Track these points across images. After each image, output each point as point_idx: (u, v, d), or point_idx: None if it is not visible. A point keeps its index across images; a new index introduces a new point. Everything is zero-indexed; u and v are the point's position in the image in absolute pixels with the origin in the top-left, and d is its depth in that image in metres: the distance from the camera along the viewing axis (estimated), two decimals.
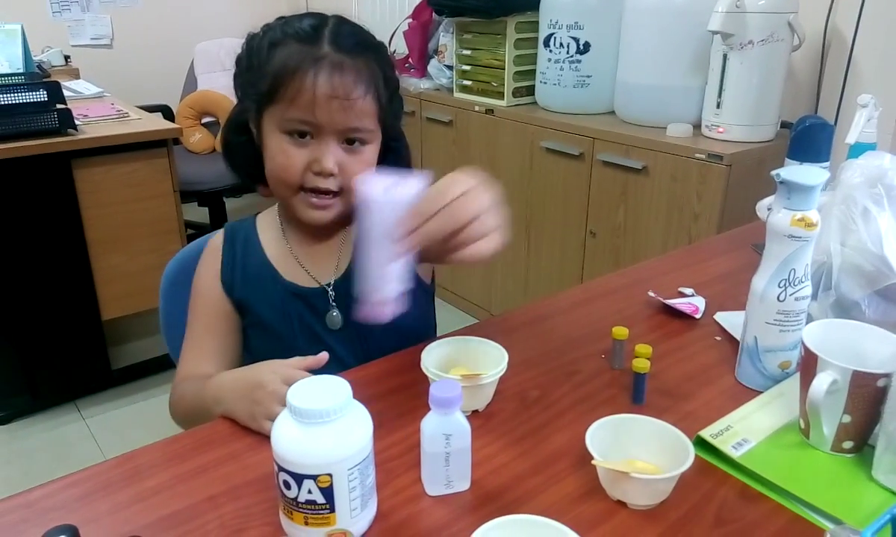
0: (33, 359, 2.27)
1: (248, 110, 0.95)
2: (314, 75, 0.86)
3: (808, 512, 0.67)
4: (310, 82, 0.86)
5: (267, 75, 0.89)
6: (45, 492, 0.70)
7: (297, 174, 0.90)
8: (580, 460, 0.73)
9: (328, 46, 0.88)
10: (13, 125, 2.04)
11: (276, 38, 0.90)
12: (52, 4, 3.62)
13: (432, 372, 0.80)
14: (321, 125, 0.88)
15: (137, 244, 2.31)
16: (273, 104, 0.89)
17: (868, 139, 1.27)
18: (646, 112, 2.18)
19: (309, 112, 0.87)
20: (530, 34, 2.50)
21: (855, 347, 0.76)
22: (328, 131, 0.89)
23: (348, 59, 0.88)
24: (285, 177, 0.91)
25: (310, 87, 0.86)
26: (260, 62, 0.90)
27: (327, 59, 0.87)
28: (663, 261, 1.29)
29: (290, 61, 0.87)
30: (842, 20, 1.98)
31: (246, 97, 0.95)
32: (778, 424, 0.78)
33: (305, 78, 0.86)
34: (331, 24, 0.91)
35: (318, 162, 0.89)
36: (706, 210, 1.93)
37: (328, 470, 0.59)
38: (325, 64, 0.87)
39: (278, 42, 0.90)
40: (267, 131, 0.92)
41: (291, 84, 0.87)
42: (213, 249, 1.02)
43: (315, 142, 0.90)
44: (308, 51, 0.88)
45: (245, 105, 0.95)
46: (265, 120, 0.92)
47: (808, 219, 0.78)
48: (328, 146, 0.89)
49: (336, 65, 0.87)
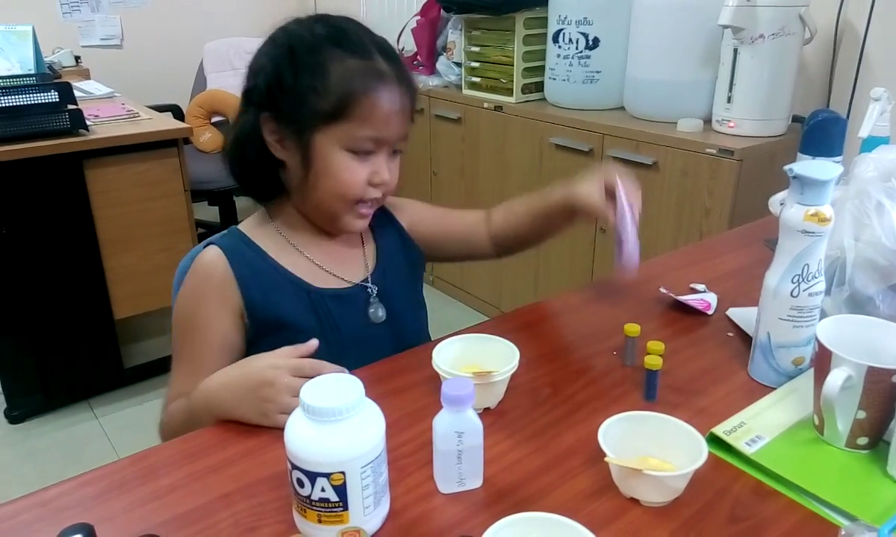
0: (46, 359, 2.28)
1: (279, 127, 0.91)
2: (386, 93, 0.88)
3: (822, 509, 0.67)
4: (384, 101, 0.88)
5: (330, 94, 0.87)
6: (60, 491, 0.71)
7: (361, 189, 0.92)
8: (593, 457, 0.73)
9: (380, 58, 0.89)
10: (25, 126, 2.05)
11: (323, 53, 0.88)
12: (62, 5, 3.64)
13: (444, 370, 0.80)
14: (387, 140, 0.91)
15: (149, 243, 2.32)
16: (337, 123, 0.88)
17: (881, 133, 1.26)
18: (656, 107, 2.17)
19: (380, 129, 0.89)
20: (539, 30, 2.50)
21: (869, 343, 0.75)
22: (387, 144, 0.91)
23: (399, 69, 0.90)
24: (348, 192, 0.91)
25: (383, 106, 0.88)
26: (314, 81, 0.87)
27: (388, 73, 0.88)
28: (675, 257, 1.29)
29: (358, 80, 0.87)
30: (853, 13, 1.97)
31: (285, 117, 0.90)
32: (792, 420, 0.78)
33: (379, 97, 0.87)
34: (365, 33, 0.91)
35: (377, 174, 0.92)
36: (717, 205, 1.92)
37: (341, 469, 0.60)
38: (390, 79, 0.88)
39: (327, 58, 0.87)
40: (323, 148, 0.89)
41: (365, 103, 0.87)
42: (210, 275, 0.93)
43: (373, 155, 0.91)
44: (369, 66, 0.88)
45: (279, 124, 0.91)
46: (319, 137, 0.89)
47: (822, 214, 0.78)
48: (385, 158, 0.92)
49: (398, 78, 0.89)
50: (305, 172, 0.91)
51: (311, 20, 0.92)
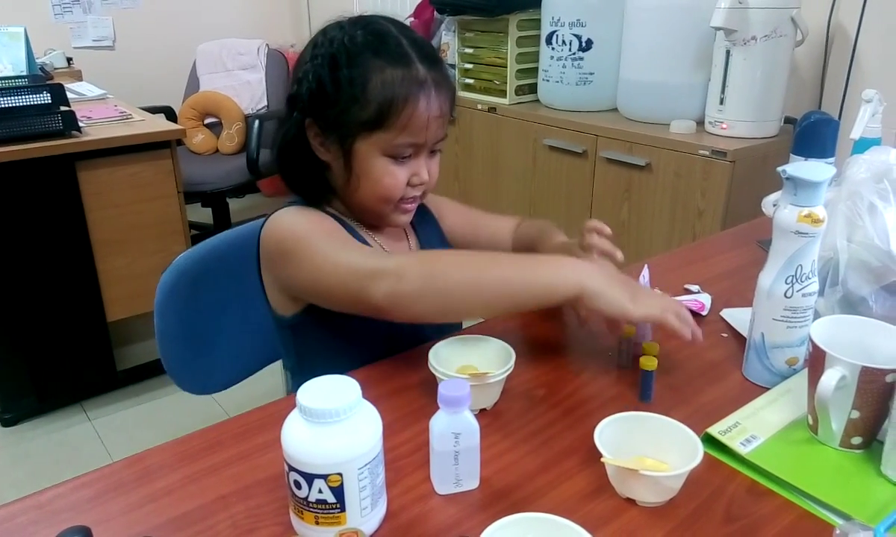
0: (39, 361, 2.27)
1: (322, 132, 0.93)
2: (425, 101, 0.89)
3: (817, 508, 0.67)
4: (422, 109, 0.89)
5: (370, 104, 0.88)
6: (56, 493, 0.70)
7: (401, 190, 0.94)
8: (589, 458, 0.73)
9: (420, 65, 0.90)
10: (17, 128, 2.04)
11: (363, 64, 0.89)
12: (53, 7, 3.62)
13: (440, 371, 0.80)
14: (426, 144, 0.93)
15: (142, 245, 2.31)
16: (378, 131, 0.90)
17: (873, 134, 1.27)
18: (649, 109, 2.17)
19: (419, 136, 0.91)
20: (532, 32, 2.50)
21: (863, 343, 0.76)
22: (426, 147, 0.94)
23: (438, 74, 0.92)
24: (390, 195, 0.94)
25: (422, 114, 0.89)
26: (354, 92, 0.89)
27: (428, 80, 0.90)
28: (668, 258, 1.29)
29: (397, 90, 0.88)
30: (845, 15, 1.98)
31: (327, 124, 0.92)
32: (786, 420, 0.78)
33: (417, 106, 0.89)
34: (405, 37, 0.92)
35: (417, 175, 0.95)
36: (710, 206, 1.93)
37: (338, 470, 0.60)
38: (428, 86, 0.90)
39: (367, 69, 0.89)
40: (364, 154, 0.92)
41: (403, 112, 0.89)
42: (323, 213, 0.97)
43: (413, 157, 0.94)
44: (408, 75, 0.89)
45: (321, 130, 0.93)
46: (360, 144, 0.91)
47: (815, 215, 0.78)
48: (424, 159, 0.95)
49: (436, 84, 0.91)
50: (348, 175, 0.94)
51: (352, 25, 0.92)
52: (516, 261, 0.88)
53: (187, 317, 1.14)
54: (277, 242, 0.93)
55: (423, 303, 0.82)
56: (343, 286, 0.86)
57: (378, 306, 0.82)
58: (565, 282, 0.82)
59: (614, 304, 0.81)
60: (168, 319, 1.12)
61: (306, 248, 0.89)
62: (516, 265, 0.86)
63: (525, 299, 0.85)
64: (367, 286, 0.82)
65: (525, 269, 0.84)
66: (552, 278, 0.83)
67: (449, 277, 0.82)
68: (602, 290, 0.81)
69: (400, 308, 0.82)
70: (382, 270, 0.82)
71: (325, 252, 0.88)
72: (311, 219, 0.95)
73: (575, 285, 0.81)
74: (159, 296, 1.11)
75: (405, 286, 0.81)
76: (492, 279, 0.83)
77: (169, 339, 1.13)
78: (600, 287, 0.81)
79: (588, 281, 0.81)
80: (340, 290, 0.86)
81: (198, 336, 1.17)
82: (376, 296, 0.82)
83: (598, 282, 0.81)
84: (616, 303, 0.81)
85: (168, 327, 1.12)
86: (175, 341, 1.13)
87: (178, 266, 1.12)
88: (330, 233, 0.92)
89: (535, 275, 0.83)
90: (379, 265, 0.84)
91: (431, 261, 0.86)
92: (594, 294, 0.81)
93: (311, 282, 0.90)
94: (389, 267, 0.83)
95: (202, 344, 1.17)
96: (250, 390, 1.26)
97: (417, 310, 0.83)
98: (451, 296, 0.82)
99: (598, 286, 0.81)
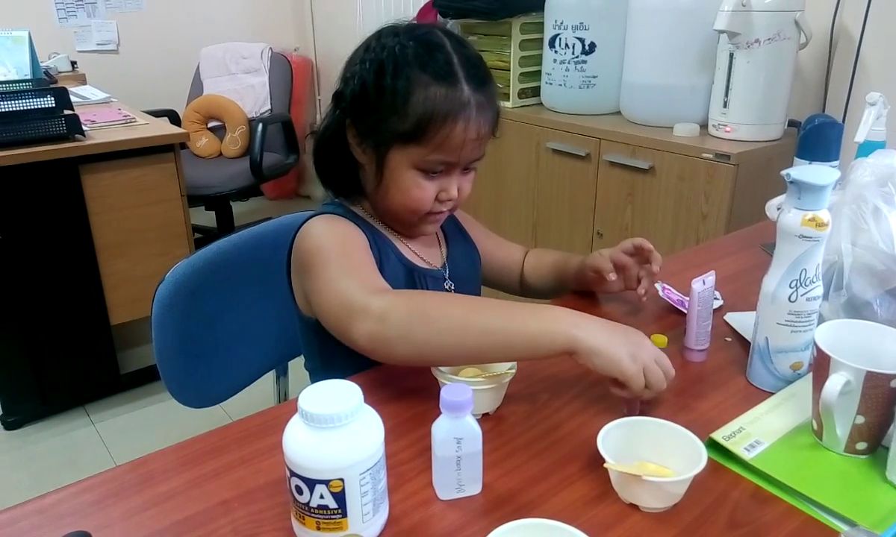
0: (43, 364, 2.27)
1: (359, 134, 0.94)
2: (464, 123, 0.89)
3: (821, 514, 0.67)
4: (459, 130, 0.89)
5: (408, 117, 0.88)
6: (57, 498, 0.70)
7: (428, 205, 0.95)
8: (592, 463, 0.73)
9: (467, 86, 0.89)
10: (21, 131, 2.05)
11: (408, 76, 0.88)
12: (58, 10, 3.63)
13: (442, 375, 0.80)
14: (458, 163, 0.93)
15: (146, 249, 2.31)
16: (412, 144, 0.90)
17: (877, 137, 1.26)
18: (652, 112, 2.17)
19: (453, 155, 0.91)
20: (535, 35, 2.50)
21: (867, 347, 0.75)
22: (460, 165, 0.94)
23: (484, 97, 0.91)
24: (418, 207, 0.95)
25: (458, 135, 0.89)
26: (395, 103, 0.89)
27: (471, 103, 0.89)
28: (672, 262, 1.29)
29: (437, 109, 0.88)
30: (849, 17, 1.97)
31: (367, 131, 0.93)
32: (790, 426, 0.78)
33: (455, 127, 0.89)
34: (458, 54, 0.91)
35: (446, 191, 0.95)
36: (714, 210, 1.93)
37: (340, 475, 0.59)
38: (470, 108, 0.89)
39: (412, 82, 0.88)
40: (396, 164, 0.92)
41: (441, 131, 0.88)
42: (351, 225, 0.96)
43: (444, 174, 0.94)
44: (451, 94, 0.88)
45: (359, 132, 0.94)
46: (394, 153, 0.92)
47: (819, 219, 0.78)
48: (456, 176, 0.95)
49: (479, 106, 0.90)
50: (379, 181, 0.94)
51: (407, 34, 0.92)
52: (507, 309, 0.79)
53: (185, 330, 1.12)
54: (303, 252, 0.93)
55: (403, 349, 0.78)
56: (335, 317, 0.84)
57: (359, 346, 0.80)
58: (553, 337, 0.75)
59: (611, 364, 0.74)
60: (166, 334, 1.10)
61: (320, 266, 0.88)
62: (505, 314, 0.78)
63: (508, 353, 0.79)
64: (351, 324, 0.80)
65: (514, 320, 0.77)
66: (541, 331, 0.76)
67: (432, 324, 0.78)
68: (598, 347, 0.74)
69: (380, 352, 0.80)
70: (367, 310, 0.79)
71: (328, 276, 0.86)
72: (337, 232, 0.94)
73: (566, 341, 0.75)
74: (156, 309, 1.08)
75: (387, 331, 0.78)
76: (476, 330, 0.77)
77: (167, 354, 1.10)
78: (596, 343, 0.74)
79: (583, 336, 0.75)
80: (332, 320, 0.85)
81: (196, 349, 1.14)
82: (358, 335, 0.79)
83: (595, 337, 0.75)
84: (614, 362, 0.74)
85: (166, 342, 1.10)
86: (173, 356, 1.11)
87: (175, 278, 1.10)
88: (347, 254, 0.90)
89: (524, 327, 0.77)
90: (365, 304, 0.80)
91: (419, 305, 0.80)
92: (590, 351, 0.74)
93: (314, 301, 0.89)
94: (373, 308, 0.79)
95: (200, 357, 1.15)
96: (253, 394, 1.26)
97: (398, 355, 0.79)
98: (429, 346, 0.78)
99: (594, 342, 0.74)
